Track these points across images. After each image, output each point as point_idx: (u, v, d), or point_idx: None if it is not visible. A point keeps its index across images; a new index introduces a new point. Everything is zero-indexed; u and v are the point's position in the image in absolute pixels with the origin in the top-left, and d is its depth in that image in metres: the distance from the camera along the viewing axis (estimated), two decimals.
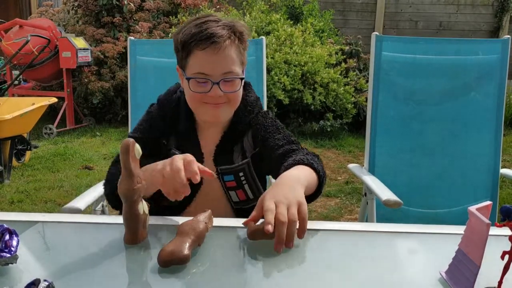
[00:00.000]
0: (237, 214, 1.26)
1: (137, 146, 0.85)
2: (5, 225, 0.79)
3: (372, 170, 1.86)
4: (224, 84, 1.12)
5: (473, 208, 0.70)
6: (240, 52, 1.15)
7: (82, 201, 1.32)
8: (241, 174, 1.23)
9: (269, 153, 1.20)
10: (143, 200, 0.88)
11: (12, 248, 0.78)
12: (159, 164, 0.98)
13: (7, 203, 3.18)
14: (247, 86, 1.29)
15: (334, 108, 4.99)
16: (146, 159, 1.18)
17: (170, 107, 1.24)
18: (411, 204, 1.86)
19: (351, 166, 1.91)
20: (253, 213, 0.90)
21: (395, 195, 1.42)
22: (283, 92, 4.73)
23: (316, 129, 4.94)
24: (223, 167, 1.23)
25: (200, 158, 1.21)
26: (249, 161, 1.24)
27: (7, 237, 0.78)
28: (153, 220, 0.97)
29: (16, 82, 5.63)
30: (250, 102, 1.26)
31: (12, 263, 0.77)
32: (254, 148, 1.25)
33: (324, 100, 4.92)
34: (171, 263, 0.77)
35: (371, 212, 1.68)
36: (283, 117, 4.95)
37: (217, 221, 0.96)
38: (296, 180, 0.96)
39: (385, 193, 1.46)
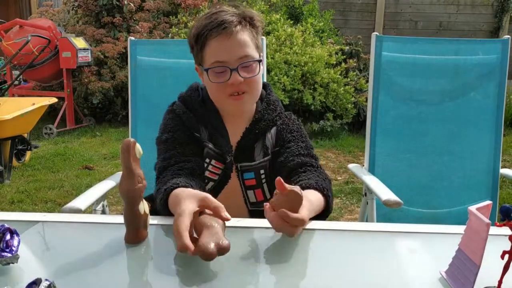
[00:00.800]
0: (252, 216, 1.24)
1: (138, 145, 0.85)
2: (6, 225, 0.79)
3: (372, 170, 1.86)
4: (242, 70, 1.12)
5: (473, 208, 0.70)
6: (253, 36, 1.14)
7: (82, 201, 1.32)
8: (262, 171, 1.22)
9: (287, 156, 1.19)
10: (144, 200, 0.88)
11: (13, 248, 0.78)
12: (178, 207, 0.87)
13: (7, 203, 3.18)
14: (267, 87, 1.29)
15: (334, 108, 5.00)
16: (190, 157, 1.16)
17: (195, 101, 1.23)
18: (411, 204, 1.86)
19: (351, 166, 1.91)
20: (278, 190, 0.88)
21: (395, 195, 1.41)
22: (283, 92, 4.73)
23: (316, 129, 4.94)
24: (243, 164, 1.21)
25: (230, 150, 1.20)
26: (271, 158, 1.23)
27: (8, 236, 0.78)
28: (153, 220, 0.97)
29: (16, 82, 5.63)
30: (273, 101, 1.26)
31: (13, 263, 0.77)
32: (275, 146, 1.24)
33: (324, 100, 4.93)
34: (217, 254, 0.76)
35: (371, 212, 1.68)
36: None
37: None
38: (310, 207, 0.94)
39: (385, 193, 1.45)
